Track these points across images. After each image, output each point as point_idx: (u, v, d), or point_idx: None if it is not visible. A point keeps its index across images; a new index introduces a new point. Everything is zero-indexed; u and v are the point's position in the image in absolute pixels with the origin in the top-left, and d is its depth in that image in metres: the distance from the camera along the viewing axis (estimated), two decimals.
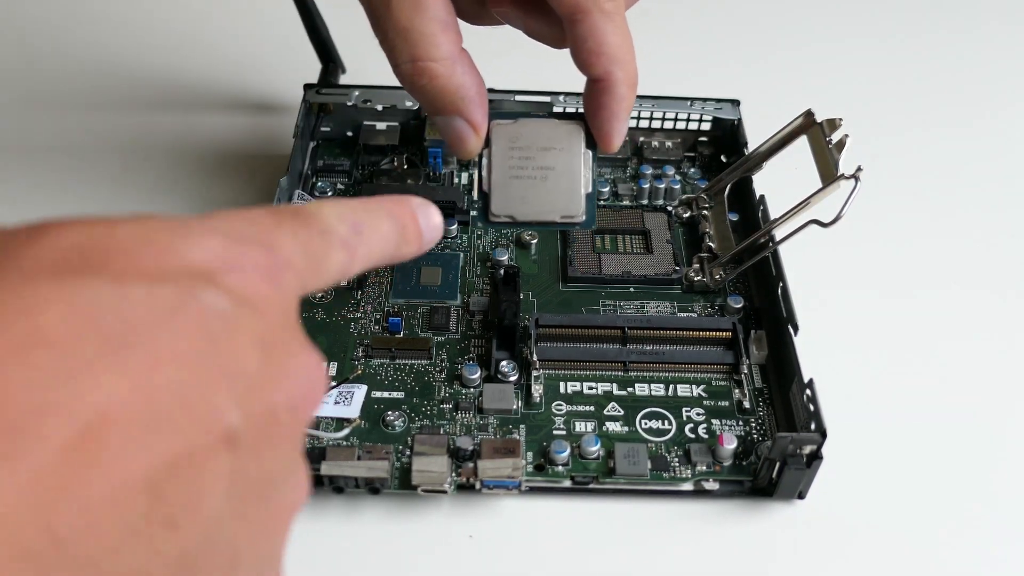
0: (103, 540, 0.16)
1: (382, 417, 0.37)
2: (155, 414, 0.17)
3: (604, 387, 0.39)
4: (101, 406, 0.16)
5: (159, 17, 0.61)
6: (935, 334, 0.43)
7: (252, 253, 0.20)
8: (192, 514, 0.18)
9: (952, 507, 0.36)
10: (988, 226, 0.49)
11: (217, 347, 0.18)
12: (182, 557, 0.18)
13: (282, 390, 0.20)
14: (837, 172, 0.37)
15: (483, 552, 0.34)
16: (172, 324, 0.18)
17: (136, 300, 0.18)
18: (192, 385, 0.18)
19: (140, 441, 0.16)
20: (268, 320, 0.20)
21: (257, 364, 0.19)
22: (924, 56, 0.61)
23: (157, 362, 0.17)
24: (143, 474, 0.16)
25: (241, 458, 0.19)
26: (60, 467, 0.15)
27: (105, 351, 0.16)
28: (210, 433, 0.18)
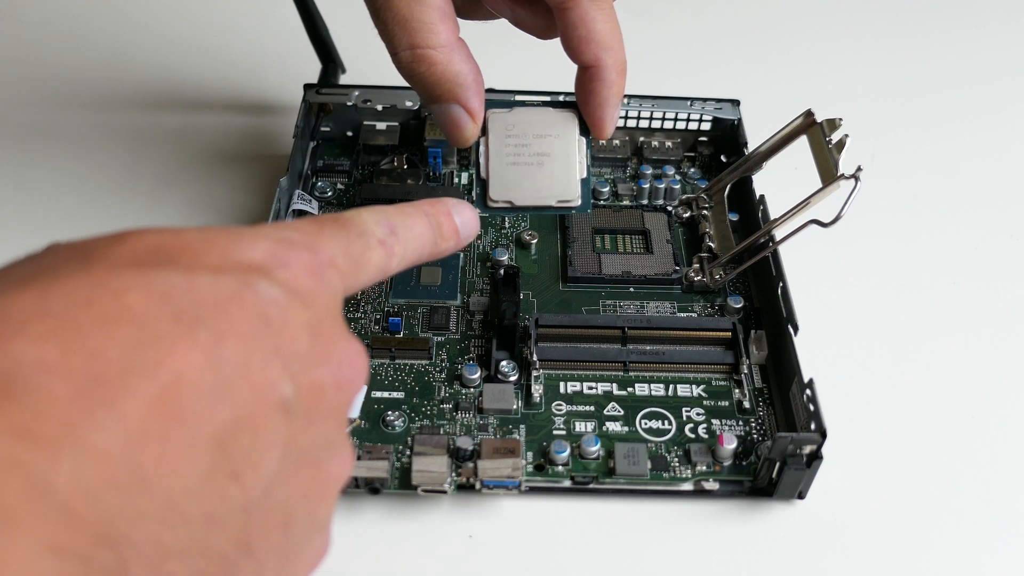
0: (180, 482, 0.19)
1: (382, 417, 0.37)
2: (220, 382, 0.20)
3: (604, 387, 0.39)
4: (176, 371, 0.19)
5: (159, 17, 0.61)
6: (935, 334, 0.43)
7: (298, 253, 0.23)
8: (252, 470, 0.20)
9: (952, 507, 0.36)
10: (988, 226, 0.49)
11: (271, 328, 0.21)
12: (245, 509, 0.20)
13: (329, 370, 0.23)
14: (837, 172, 0.37)
15: (483, 552, 0.34)
16: (233, 307, 0.21)
17: (202, 286, 0.21)
18: (251, 359, 0.20)
19: (209, 403, 0.19)
20: (315, 310, 0.23)
21: (306, 346, 0.22)
22: (924, 56, 0.61)
23: (221, 337, 0.20)
24: (211, 431, 0.19)
25: (293, 426, 0.21)
26: (146, 416, 0.18)
27: (178, 326, 0.19)
28: (267, 402, 0.20)
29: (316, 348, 0.23)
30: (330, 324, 0.24)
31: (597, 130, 0.37)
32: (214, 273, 0.21)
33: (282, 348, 0.21)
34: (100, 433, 0.18)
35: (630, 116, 0.49)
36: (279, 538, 0.22)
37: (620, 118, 0.48)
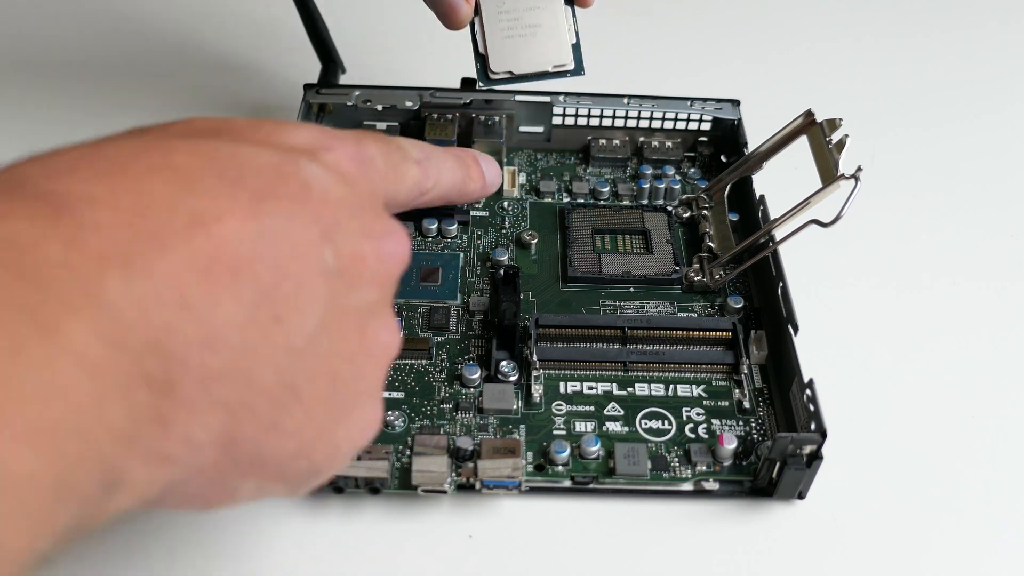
0: (223, 313, 0.20)
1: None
2: (262, 235, 0.21)
3: (604, 387, 0.39)
4: (219, 218, 0.21)
5: (158, 17, 0.61)
6: (936, 334, 0.43)
7: (342, 142, 0.26)
8: (295, 316, 0.22)
9: (952, 507, 0.36)
10: (989, 226, 0.49)
11: (312, 198, 0.23)
12: (288, 352, 0.22)
13: (370, 242, 0.25)
14: (837, 172, 0.37)
15: (483, 552, 0.34)
16: (275, 174, 0.23)
17: (246, 154, 0.23)
18: (291, 221, 0.22)
19: (251, 249, 0.21)
20: (357, 193, 0.25)
21: (348, 219, 0.24)
22: (924, 56, 0.61)
23: (263, 198, 0.22)
24: (254, 273, 0.21)
25: (335, 287, 0.23)
26: (191, 252, 0.20)
27: (221, 183, 0.21)
28: (307, 259, 0.22)
29: (356, 222, 0.24)
30: (371, 205, 0.26)
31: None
32: (259, 146, 0.23)
33: (322, 216, 0.23)
34: (145, 258, 0.19)
35: (630, 116, 0.49)
36: (326, 389, 0.24)
37: (620, 118, 0.49)
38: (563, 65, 0.40)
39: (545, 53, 0.41)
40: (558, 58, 0.41)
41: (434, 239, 0.45)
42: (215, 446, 0.21)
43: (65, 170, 0.20)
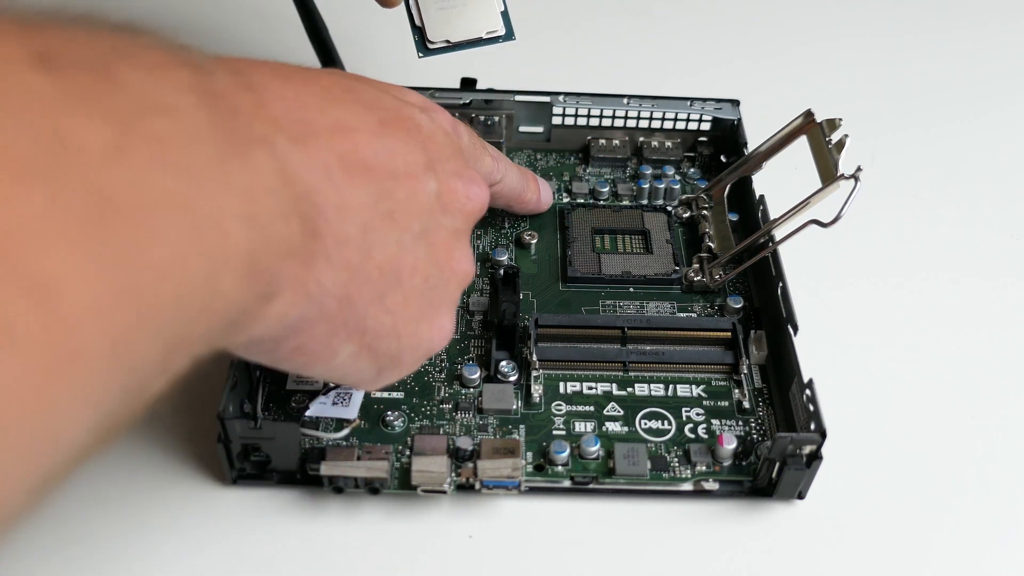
0: (357, 197, 0.26)
1: (382, 417, 0.37)
2: (385, 147, 0.28)
3: (604, 387, 0.39)
4: (353, 126, 0.27)
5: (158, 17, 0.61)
6: (935, 334, 0.43)
7: (444, 112, 0.33)
8: (405, 217, 0.28)
9: (952, 507, 0.36)
10: (989, 226, 0.49)
11: (422, 134, 0.30)
12: (397, 243, 0.28)
13: (462, 181, 0.31)
14: (837, 172, 0.37)
15: (483, 552, 0.34)
16: (396, 111, 0.29)
17: (376, 94, 0.30)
18: (407, 146, 0.29)
19: (376, 155, 0.27)
20: (453, 144, 0.32)
21: (446, 159, 0.30)
22: (923, 56, 0.61)
23: (387, 124, 0.28)
24: (377, 174, 0.27)
25: (434, 206, 0.29)
26: (336, 146, 0.26)
27: (357, 105, 0.28)
28: (416, 178, 0.29)
29: (452, 163, 0.31)
30: (464, 158, 0.32)
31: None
32: (384, 91, 0.30)
33: (429, 150, 0.29)
34: (304, 135, 0.25)
35: (630, 116, 0.49)
36: (420, 285, 0.29)
37: (620, 118, 0.49)
38: (495, 31, 0.43)
39: (477, 20, 0.43)
40: (489, 25, 0.43)
41: None
42: (337, 299, 0.26)
43: (246, 66, 0.25)
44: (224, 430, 0.33)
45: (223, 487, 0.35)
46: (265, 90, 0.25)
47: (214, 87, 0.22)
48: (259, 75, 0.25)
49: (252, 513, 0.35)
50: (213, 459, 0.36)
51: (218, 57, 0.24)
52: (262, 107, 0.24)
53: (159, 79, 0.20)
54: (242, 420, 0.33)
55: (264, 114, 0.24)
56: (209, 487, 0.35)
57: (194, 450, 0.36)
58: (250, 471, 0.35)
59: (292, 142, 0.24)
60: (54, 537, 0.34)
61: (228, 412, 0.33)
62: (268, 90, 0.25)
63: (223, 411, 0.33)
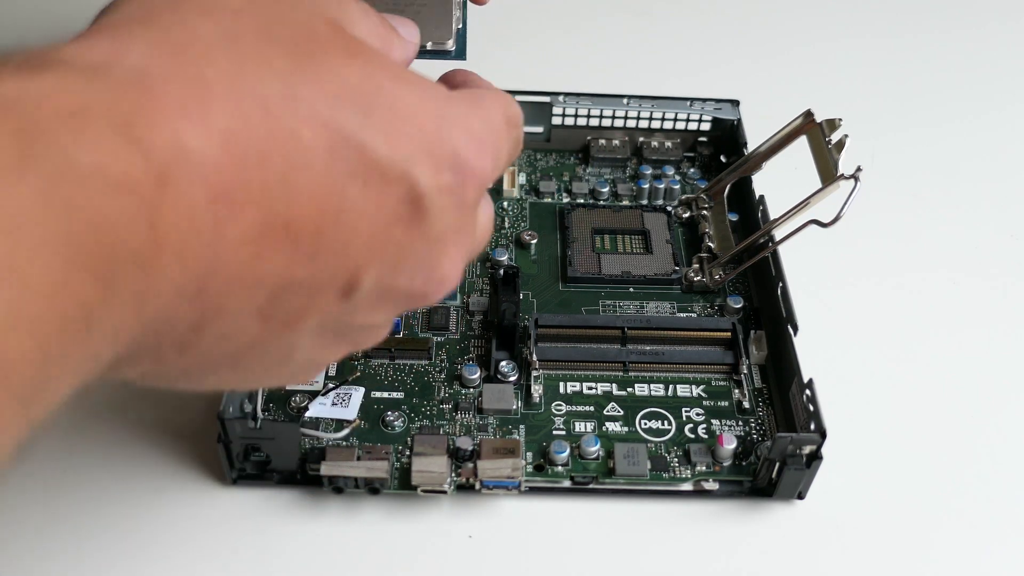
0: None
1: (382, 417, 0.37)
2: (403, 122, 0.21)
3: (604, 387, 0.39)
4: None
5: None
6: (935, 334, 0.43)
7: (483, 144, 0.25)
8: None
9: (952, 507, 0.36)
10: (989, 226, 0.49)
11: (451, 113, 0.23)
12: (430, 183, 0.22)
13: (434, 284, 0.24)
14: (837, 172, 0.37)
15: (483, 552, 0.34)
16: (421, 93, 0.22)
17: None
18: (432, 133, 0.22)
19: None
20: (463, 216, 0.24)
21: (469, 151, 0.23)
22: (923, 56, 0.61)
23: (419, 106, 0.22)
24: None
25: (445, 193, 0.22)
26: (336, 93, 0.20)
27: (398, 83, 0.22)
28: (438, 157, 0.22)
29: (480, 157, 0.24)
30: (467, 231, 0.25)
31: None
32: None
33: (446, 143, 0.23)
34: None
35: (630, 116, 0.49)
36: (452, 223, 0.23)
37: (620, 118, 0.49)
38: (442, 45, 0.39)
39: (428, 31, 0.39)
40: (438, 37, 0.39)
41: None
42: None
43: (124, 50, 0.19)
44: (224, 430, 0.33)
45: (223, 487, 0.35)
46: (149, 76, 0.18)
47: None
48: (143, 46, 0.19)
49: (252, 513, 0.35)
50: (213, 459, 0.36)
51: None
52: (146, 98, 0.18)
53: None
54: (242, 420, 0.33)
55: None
56: (209, 487, 0.35)
57: (194, 450, 0.36)
58: (250, 471, 0.35)
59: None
60: (54, 537, 0.34)
61: (228, 412, 0.33)
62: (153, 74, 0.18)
63: (223, 411, 0.33)
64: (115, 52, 0.18)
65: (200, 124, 0.18)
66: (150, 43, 0.18)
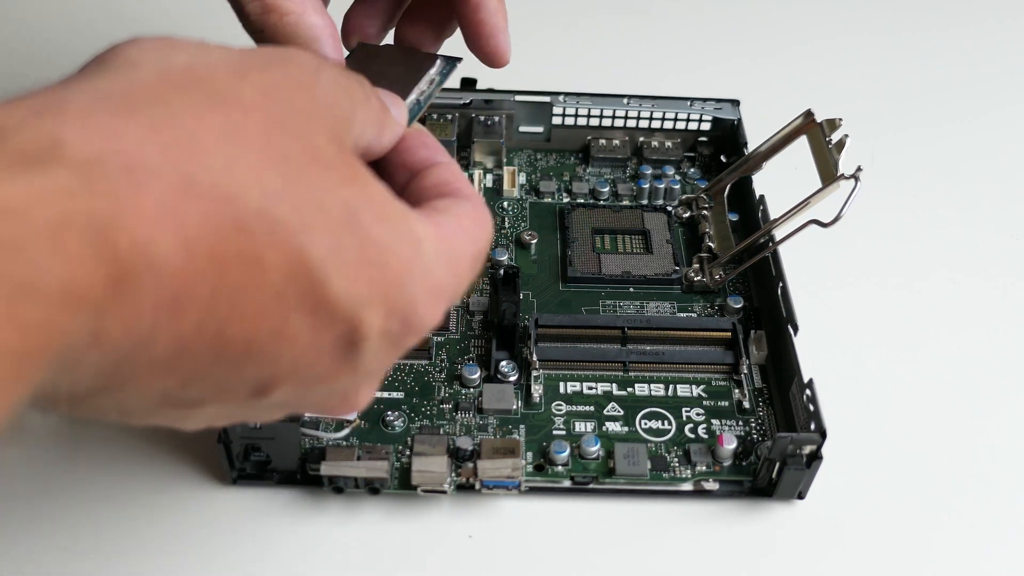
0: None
1: (382, 417, 0.37)
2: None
3: (604, 387, 0.39)
4: None
5: (158, 18, 0.61)
6: (935, 334, 0.43)
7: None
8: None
9: (952, 507, 0.36)
10: (989, 226, 0.49)
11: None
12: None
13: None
14: (837, 172, 0.37)
15: (483, 552, 0.34)
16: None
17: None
18: (394, 281, 0.22)
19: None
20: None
21: (427, 306, 0.23)
22: (924, 55, 0.61)
23: (391, 250, 0.22)
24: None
25: (386, 339, 0.22)
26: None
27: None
28: (392, 306, 0.22)
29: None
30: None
31: (497, 59, 0.35)
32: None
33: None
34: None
35: (630, 116, 0.49)
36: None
37: (620, 118, 0.49)
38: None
39: None
40: None
41: None
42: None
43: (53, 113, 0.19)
44: (224, 430, 0.33)
45: (223, 487, 0.35)
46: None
47: None
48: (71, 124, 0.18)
49: (252, 513, 0.35)
50: (213, 459, 0.35)
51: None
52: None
53: None
54: None
55: None
56: (209, 487, 0.35)
57: (194, 450, 0.36)
58: (250, 471, 0.35)
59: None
60: (55, 536, 0.34)
61: None
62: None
63: None
64: (112, 137, 0.18)
65: (173, 230, 0.18)
66: (150, 129, 0.19)
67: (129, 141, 0.18)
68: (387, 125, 0.26)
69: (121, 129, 0.18)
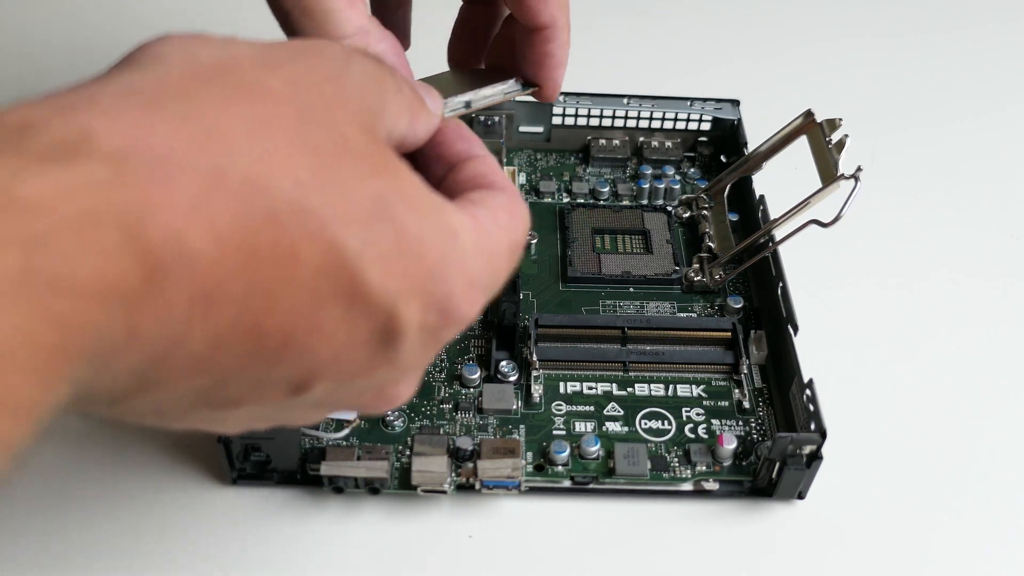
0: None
1: (382, 417, 0.37)
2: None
3: (604, 387, 0.39)
4: None
5: (158, 18, 0.61)
6: (935, 334, 0.43)
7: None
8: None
9: (952, 507, 0.36)
10: (989, 225, 0.49)
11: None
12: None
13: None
14: (837, 172, 0.37)
15: (483, 552, 0.34)
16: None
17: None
18: (431, 271, 0.21)
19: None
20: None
21: (464, 298, 0.22)
22: (924, 56, 0.61)
23: (426, 240, 0.21)
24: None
25: (424, 332, 0.22)
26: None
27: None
28: (429, 297, 0.21)
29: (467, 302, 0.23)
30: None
31: (550, 92, 0.35)
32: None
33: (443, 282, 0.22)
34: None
35: (630, 116, 0.49)
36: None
37: (620, 118, 0.49)
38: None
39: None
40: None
41: None
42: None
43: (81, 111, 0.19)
44: None
45: (223, 487, 0.35)
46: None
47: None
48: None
49: (252, 513, 0.35)
50: (213, 459, 0.36)
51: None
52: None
53: None
54: None
55: None
56: (209, 487, 0.35)
57: (194, 450, 0.36)
58: (250, 471, 0.35)
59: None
60: (56, 537, 0.34)
61: None
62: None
63: None
64: (142, 130, 0.18)
65: (205, 223, 0.18)
66: (179, 122, 0.18)
67: (159, 134, 0.18)
68: (421, 115, 0.25)
69: (150, 123, 0.18)
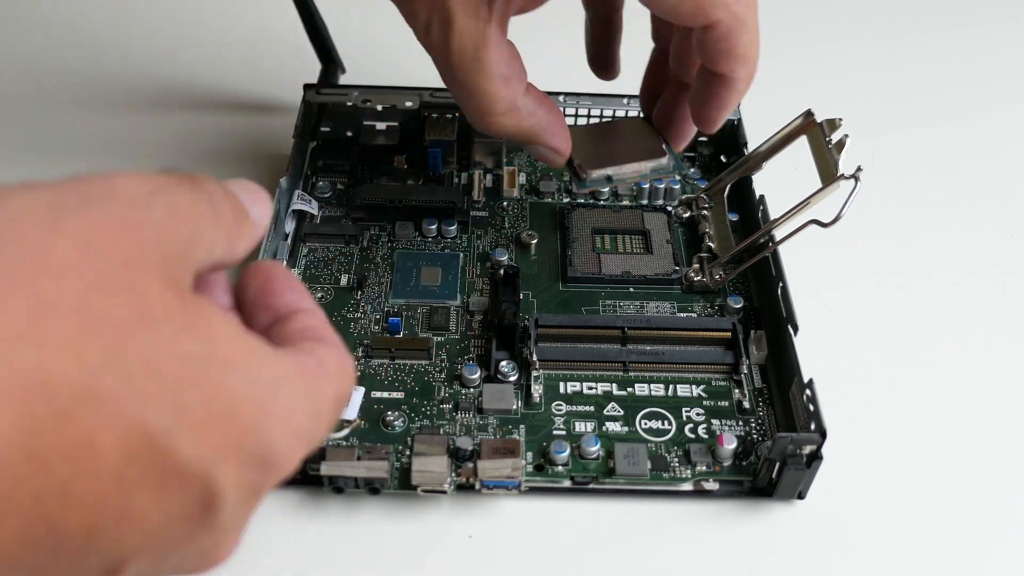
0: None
1: (382, 417, 0.37)
2: None
3: (604, 387, 0.39)
4: None
5: (159, 18, 0.61)
6: (935, 334, 0.43)
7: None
8: None
9: (952, 507, 0.36)
10: (989, 225, 0.49)
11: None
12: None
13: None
14: (837, 172, 0.37)
15: (483, 552, 0.34)
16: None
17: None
18: (248, 427, 0.20)
19: None
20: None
21: (285, 449, 0.21)
22: (924, 56, 0.61)
23: (243, 395, 0.20)
24: None
25: (243, 491, 0.21)
26: None
27: None
28: (246, 454, 0.20)
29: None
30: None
31: (709, 126, 0.38)
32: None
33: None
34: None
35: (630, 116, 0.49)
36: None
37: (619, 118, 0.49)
38: (660, 164, 0.40)
39: (637, 148, 0.40)
40: (652, 153, 0.40)
41: (434, 239, 0.45)
42: None
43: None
44: None
45: None
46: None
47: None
48: None
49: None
50: None
51: None
52: None
53: None
54: None
55: None
56: None
57: None
58: None
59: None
60: None
61: None
62: None
63: None
64: None
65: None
66: None
67: None
68: (243, 234, 0.23)
69: None
